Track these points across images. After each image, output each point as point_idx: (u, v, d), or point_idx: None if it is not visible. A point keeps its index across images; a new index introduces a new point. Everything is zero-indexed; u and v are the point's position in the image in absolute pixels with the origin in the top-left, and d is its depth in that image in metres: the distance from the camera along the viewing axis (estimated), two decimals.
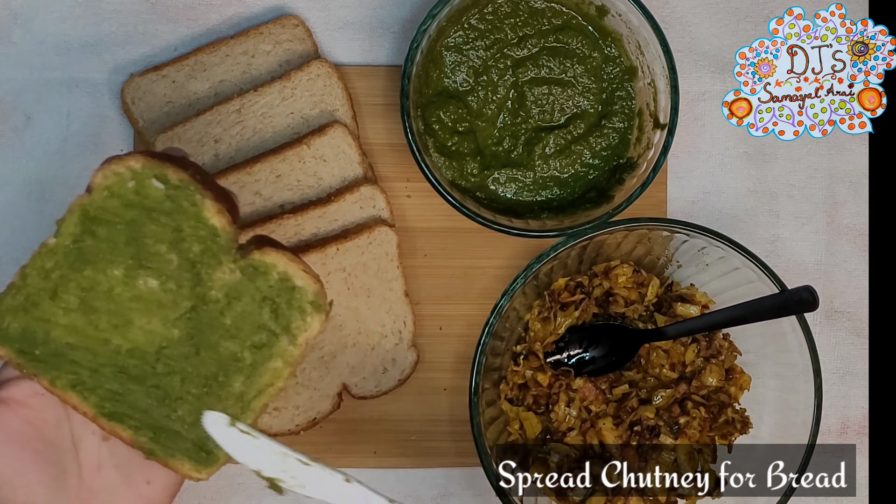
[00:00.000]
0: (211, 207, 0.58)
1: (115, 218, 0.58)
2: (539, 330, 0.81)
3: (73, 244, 0.58)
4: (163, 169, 0.57)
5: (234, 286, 0.59)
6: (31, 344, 0.58)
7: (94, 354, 0.59)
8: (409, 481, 0.85)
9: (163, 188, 0.57)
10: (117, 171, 0.57)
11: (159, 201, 0.58)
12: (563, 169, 0.83)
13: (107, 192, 0.58)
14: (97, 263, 0.58)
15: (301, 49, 0.84)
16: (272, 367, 0.59)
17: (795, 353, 0.78)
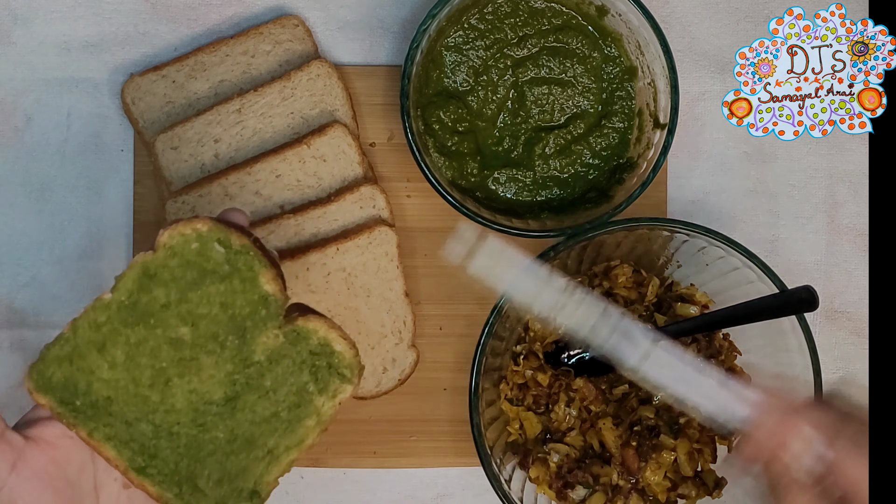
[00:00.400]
0: (266, 274, 0.60)
1: (173, 278, 0.60)
2: (539, 330, 0.81)
3: (127, 300, 0.60)
4: (227, 234, 0.60)
5: (276, 350, 0.61)
6: (73, 395, 0.60)
7: (132, 409, 0.60)
8: (409, 481, 0.85)
9: (223, 252, 0.60)
10: (184, 231, 0.60)
11: (219, 264, 0.60)
12: (563, 169, 0.83)
13: (170, 251, 0.60)
14: (148, 321, 0.60)
15: (301, 49, 0.84)
16: (306, 425, 0.62)
17: (795, 353, 0.78)
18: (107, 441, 0.60)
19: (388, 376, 0.83)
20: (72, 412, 0.60)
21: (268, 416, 0.61)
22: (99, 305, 0.60)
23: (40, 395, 0.60)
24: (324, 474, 0.85)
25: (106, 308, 0.60)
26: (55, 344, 0.60)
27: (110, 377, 0.60)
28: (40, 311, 0.83)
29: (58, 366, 0.60)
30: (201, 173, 0.82)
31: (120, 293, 0.60)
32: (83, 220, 0.84)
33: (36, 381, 0.60)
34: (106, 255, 0.84)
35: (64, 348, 0.60)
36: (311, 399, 0.62)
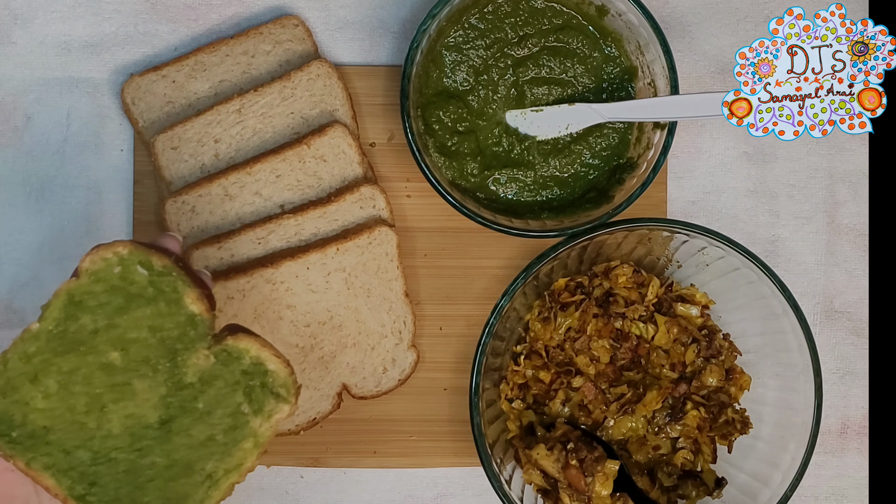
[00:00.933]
0: (191, 294, 0.60)
1: (99, 304, 0.60)
2: (539, 330, 0.81)
3: (55, 328, 0.60)
4: (148, 256, 0.60)
5: (208, 371, 0.61)
6: (9, 426, 0.60)
7: (69, 437, 0.60)
8: (409, 481, 0.85)
9: (146, 275, 0.60)
10: (105, 256, 0.60)
11: (143, 287, 0.60)
12: (563, 169, 0.83)
13: (93, 277, 0.60)
14: (78, 349, 0.60)
15: (301, 49, 0.84)
16: (243, 448, 0.62)
17: (795, 353, 0.78)
18: (45, 470, 0.60)
19: (388, 376, 0.83)
20: (8, 443, 0.60)
21: (203, 439, 0.61)
22: (27, 336, 0.60)
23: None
24: (324, 474, 0.85)
25: (35, 338, 0.60)
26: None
27: (45, 406, 0.60)
28: (40, 311, 0.83)
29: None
30: (201, 173, 0.82)
31: (47, 322, 0.60)
32: (83, 220, 0.84)
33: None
34: None
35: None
36: (247, 421, 0.61)
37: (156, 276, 0.60)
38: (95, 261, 0.60)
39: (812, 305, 0.88)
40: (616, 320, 0.80)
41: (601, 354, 0.80)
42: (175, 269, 0.60)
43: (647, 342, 0.80)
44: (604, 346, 0.80)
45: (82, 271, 0.60)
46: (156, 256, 0.60)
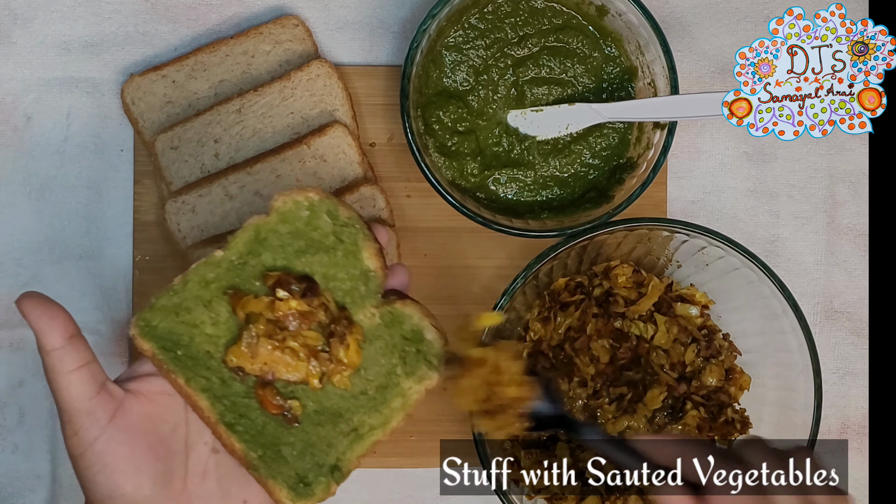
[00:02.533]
0: (370, 248, 0.61)
1: (282, 244, 0.61)
2: (539, 330, 0.81)
3: (237, 259, 0.61)
4: (336, 205, 0.61)
5: (371, 330, 0.62)
6: (176, 345, 0.61)
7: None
8: (409, 481, 0.85)
9: (331, 223, 0.61)
10: (296, 199, 0.61)
11: (325, 234, 0.61)
12: (563, 169, 0.83)
13: (282, 217, 0.61)
14: (254, 284, 0.61)
15: (301, 49, 0.84)
16: (391, 406, 0.63)
17: (795, 353, 0.78)
18: (202, 392, 0.61)
19: None
20: (173, 359, 0.61)
21: (356, 392, 0.62)
22: (210, 262, 0.61)
23: (143, 342, 0.61)
24: None
25: (216, 265, 0.61)
26: (163, 295, 0.61)
27: (213, 333, 0.61)
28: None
29: (163, 316, 0.61)
30: (201, 173, 0.82)
31: (230, 252, 0.61)
32: (83, 220, 0.84)
33: (141, 328, 0.61)
34: (106, 255, 0.84)
35: (172, 300, 0.61)
36: (399, 381, 0.63)
37: (340, 225, 0.61)
38: (287, 202, 0.61)
39: (812, 305, 0.88)
40: (616, 320, 0.80)
41: (601, 354, 0.80)
42: (359, 221, 0.61)
43: (646, 342, 0.80)
44: (603, 346, 0.80)
45: (272, 209, 0.61)
46: (343, 207, 0.61)
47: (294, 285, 0.60)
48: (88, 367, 0.58)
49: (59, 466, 0.83)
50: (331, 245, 0.61)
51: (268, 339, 0.60)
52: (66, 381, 0.58)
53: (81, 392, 0.58)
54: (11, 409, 0.83)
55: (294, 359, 0.61)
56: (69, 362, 0.58)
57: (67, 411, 0.58)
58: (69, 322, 0.58)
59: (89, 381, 0.58)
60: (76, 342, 0.58)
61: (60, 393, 0.58)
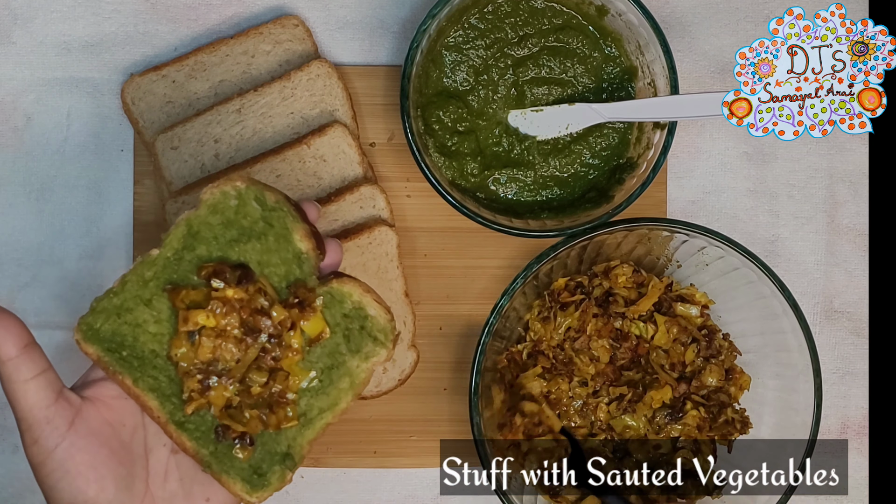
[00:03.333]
0: (300, 230, 0.61)
1: (214, 235, 0.61)
2: (539, 330, 0.81)
3: (173, 256, 0.61)
4: (262, 191, 0.61)
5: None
6: (120, 346, 0.61)
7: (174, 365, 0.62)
8: (409, 481, 0.85)
9: (259, 210, 0.61)
10: (223, 189, 0.61)
11: (255, 221, 0.61)
12: (563, 169, 0.83)
13: (212, 208, 0.61)
14: (191, 278, 0.61)
15: (301, 49, 0.84)
16: (339, 387, 0.62)
17: (795, 353, 0.78)
18: (150, 392, 0.61)
19: (388, 376, 0.83)
20: (118, 361, 0.61)
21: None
22: (147, 261, 0.61)
23: (88, 345, 0.61)
24: (324, 474, 0.85)
25: (153, 264, 0.61)
26: (104, 297, 0.61)
27: (156, 331, 0.61)
28: (40, 311, 0.83)
29: (105, 318, 0.61)
30: (201, 173, 0.82)
31: (166, 249, 0.61)
32: (83, 220, 0.84)
33: (84, 332, 0.61)
34: (106, 255, 0.84)
35: (112, 301, 0.61)
36: (344, 360, 0.62)
37: (268, 210, 0.61)
38: (214, 193, 0.61)
39: (812, 305, 0.88)
40: (616, 320, 0.80)
41: (601, 354, 0.80)
42: (286, 204, 0.61)
43: (646, 342, 0.81)
44: (603, 346, 0.80)
45: (201, 202, 0.61)
46: (269, 192, 0.61)
47: (228, 274, 0.60)
48: (45, 376, 0.58)
49: None
50: (261, 231, 0.61)
51: (211, 330, 0.60)
52: (23, 390, 0.58)
53: (39, 400, 0.58)
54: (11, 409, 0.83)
55: (238, 346, 0.60)
56: (25, 371, 0.58)
57: (26, 420, 0.58)
58: (23, 331, 0.58)
59: (46, 389, 0.58)
60: (31, 351, 0.58)
61: (18, 402, 0.58)
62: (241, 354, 0.61)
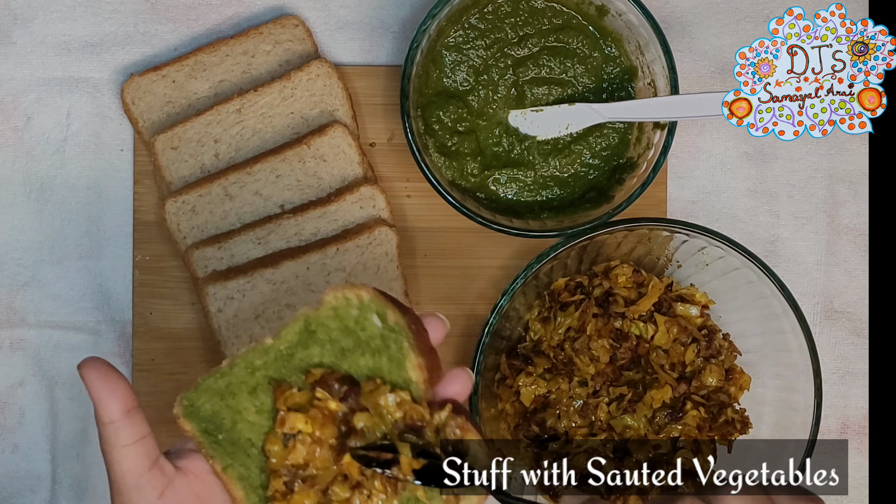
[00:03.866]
0: (413, 359, 0.59)
1: (330, 339, 0.59)
2: (539, 330, 0.81)
3: (286, 350, 0.60)
4: (385, 307, 0.59)
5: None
6: (217, 428, 0.60)
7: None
8: None
9: (380, 326, 0.59)
10: (347, 296, 0.59)
11: (372, 337, 0.59)
12: (563, 169, 0.83)
13: (332, 312, 0.59)
14: (297, 376, 0.60)
15: (301, 49, 0.84)
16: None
17: (795, 353, 0.78)
18: (239, 480, 0.60)
19: None
20: (213, 443, 0.60)
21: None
22: (259, 348, 0.59)
23: (186, 422, 0.59)
24: None
25: (264, 353, 0.59)
26: (210, 376, 0.60)
27: (255, 421, 0.60)
28: (40, 311, 0.83)
29: (208, 398, 0.59)
30: (201, 173, 0.82)
31: (281, 342, 0.59)
32: (83, 220, 0.84)
33: (185, 408, 0.59)
34: (106, 255, 0.84)
35: (218, 382, 0.59)
36: (432, 498, 0.61)
37: (387, 329, 0.59)
38: (338, 297, 0.59)
39: (812, 305, 0.88)
40: (616, 320, 0.80)
41: (601, 354, 0.80)
42: (406, 329, 0.59)
43: (646, 342, 0.81)
44: (603, 346, 0.80)
45: (324, 303, 0.59)
46: (391, 310, 0.59)
47: (336, 386, 0.59)
48: (143, 442, 0.57)
49: (59, 466, 0.83)
50: (376, 349, 0.59)
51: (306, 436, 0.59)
52: (120, 455, 0.57)
53: (134, 467, 0.57)
54: (11, 409, 0.83)
55: (331, 455, 0.59)
56: (125, 436, 0.57)
57: (117, 484, 0.57)
58: (129, 394, 0.57)
59: (143, 457, 0.57)
60: (134, 415, 0.57)
61: (113, 466, 0.57)
62: (331, 464, 0.59)
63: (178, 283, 0.83)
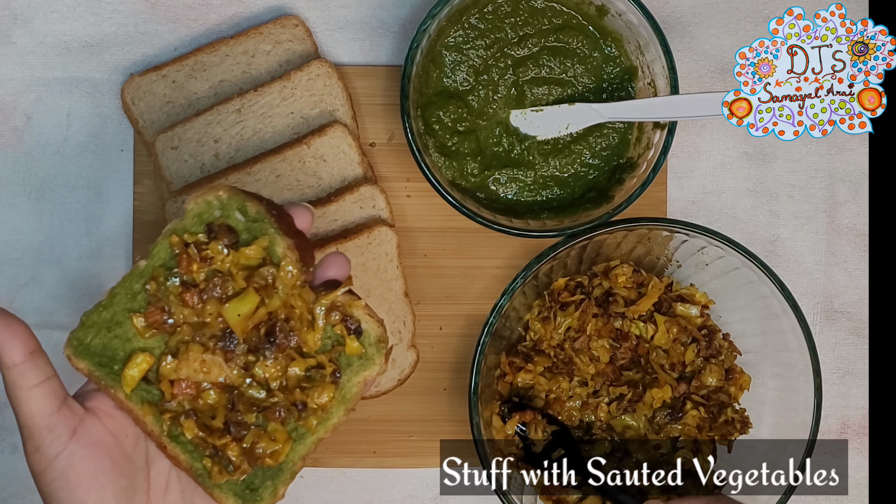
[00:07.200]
0: (281, 242, 0.59)
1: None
2: (539, 330, 0.81)
3: (161, 267, 0.60)
4: (244, 201, 0.60)
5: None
6: (111, 360, 0.60)
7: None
8: (409, 481, 0.85)
9: (243, 220, 0.60)
10: (207, 199, 0.60)
11: (240, 232, 0.60)
12: (563, 169, 0.83)
13: (197, 218, 0.60)
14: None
15: (301, 49, 0.84)
16: (323, 403, 0.61)
17: (795, 353, 0.78)
18: (143, 404, 0.60)
19: (387, 376, 0.83)
20: (110, 375, 0.60)
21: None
22: (135, 273, 0.60)
23: (79, 360, 0.60)
24: (324, 474, 0.85)
25: (141, 276, 0.60)
26: (93, 311, 0.60)
27: (147, 344, 0.60)
28: (40, 311, 0.83)
29: (95, 332, 0.60)
30: (201, 173, 0.82)
31: (154, 260, 0.60)
32: (83, 220, 0.84)
33: (75, 348, 0.60)
34: (106, 255, 0.84)
35: (102, 315, 0.60)
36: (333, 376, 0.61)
37: (250, 221, 0.60)
38: (198, 203, 0.60)
39: (812, 305, 0.88)
40: (616, 320, 0.80)
41: (601, 354, 0.80)
42: (267, 216, 0.60)
43: (646, 342, 0.81)
44: (603, 346, 0.80)
45: (186, 212, 0.60)
46: (251, 202, 0.60)
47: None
48: (49, 383, 0.58)
49: None
50: (245, 243, 0.60)
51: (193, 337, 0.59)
52: (27, 397, 0.57)
53: (43, 408, 0.57)
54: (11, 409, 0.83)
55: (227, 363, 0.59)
56: (31, 378, 0.57)
57: (28, 427, 0.58)
58: (30, 337, 0.58)
59: (50, 397, 0.58)
60: (37, 357, 0.58)
61: (22, 409, 0.57)
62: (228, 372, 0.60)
63: None
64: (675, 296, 0.82)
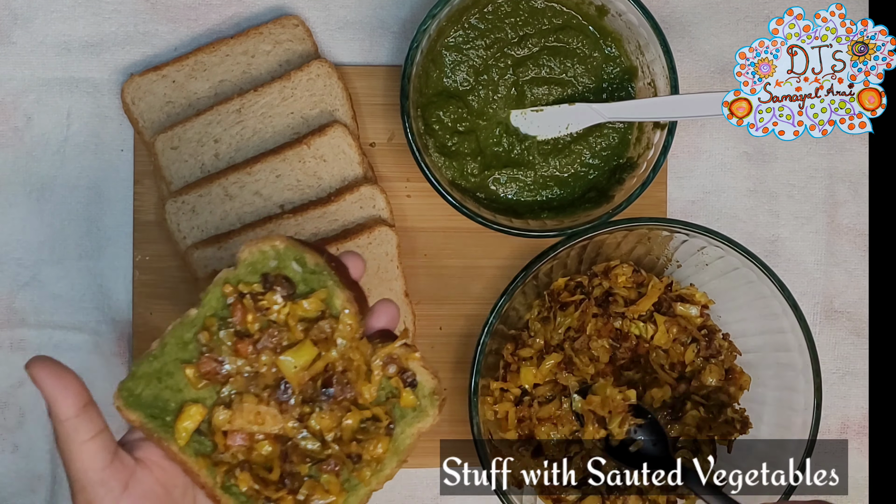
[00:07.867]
0: (340, 295, 0.59)
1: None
2: (539, 330, 0.81)
3: (213, 317, 0.59)
4: (302, 252, 0.59)
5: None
6: (163, 411, 0.59)
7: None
8: (409, 481, 0.85)
9: (300, 271, 0.59)
10: (262, 249, 0.59)
11: (296, 283, 0.59)
12: (563, 169, 0.83)
13: (251, 268, 0.59)
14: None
15: (301, 49, 0.84)
16: (377, 455, 0.60)
17: (795, 353, 0.78)
18: (196, 456, 0.59)
19: None
20: (161, 427, 0.59)
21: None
22: (185, 322, 0.59)
23: (130, 412, 0.58)
24: None
25: (192, 325, 0.59)
26: (143, 361, 0.59)
27: (198, 395, 0.59)
28: (40, 311, 0.83)
29: (146, 383, 0.59)
30: (201, 173, 0.82)
31: (205, 309, 0.59)
32: (83, 220, 0.84)
33: (126, 399, 0.58)
34: (106, 255, 0.84)
35: (152, 365, 0.59)
36: (388, 429, 0.60)
37: (308, 273, 0.59)
38: (254, 252, 0.59)
39: (812, 305, 0.88)
40: (615, 320, 0.80)
41: (601, 354, 0.80)
42: (327, 268, 0.59)
43: (646, 342, 0.81)
44: (603, 346, 0.80)
45: (240, 261, 0.59)
46: (309, 254, 0.59)
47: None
48: (101, 436, 0.57)
49: (59, 466, 0.83)
50: (302, 293, 0.59)
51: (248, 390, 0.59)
52: (79, 451, 0.56)
53: (95, 462, 0.56)
54: (11, 409, 0.83)
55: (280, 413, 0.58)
56: (83, 432, 0.56)
57: (80, 481, 0.56)
58: (82, 390, 0.56)
59: (103, 451, 0.57)
60: (90, 410, 0.56)
61: (73, 462, 0.56)
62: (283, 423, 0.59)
63: (178, 283, 0.83)
64: (675, 296, 0.82)
